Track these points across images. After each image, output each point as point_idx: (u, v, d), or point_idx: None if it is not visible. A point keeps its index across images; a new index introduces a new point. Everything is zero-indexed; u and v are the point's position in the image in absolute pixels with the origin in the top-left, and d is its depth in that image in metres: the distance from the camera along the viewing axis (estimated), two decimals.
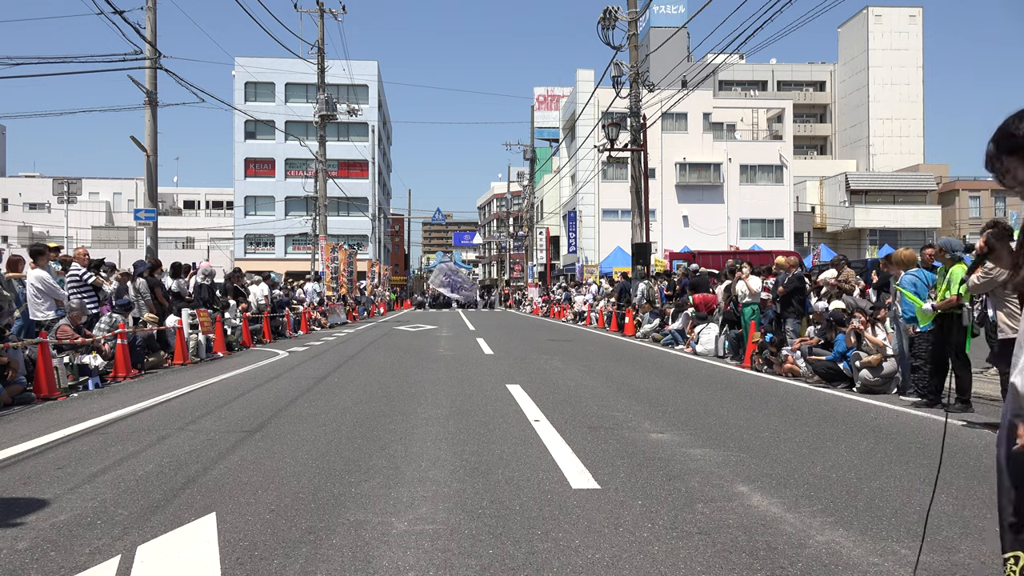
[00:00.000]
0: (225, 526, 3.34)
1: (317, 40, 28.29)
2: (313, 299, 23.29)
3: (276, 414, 6.45)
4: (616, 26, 20.57)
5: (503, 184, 73.86)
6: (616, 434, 5.54)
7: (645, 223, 20.82)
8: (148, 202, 17.05)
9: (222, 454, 4.84)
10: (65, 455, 4.87)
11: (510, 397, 7.48)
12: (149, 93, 16.28)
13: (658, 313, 17.02)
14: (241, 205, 55.10)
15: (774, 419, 6.33)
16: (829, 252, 22.80)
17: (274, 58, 51.33)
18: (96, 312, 10.04)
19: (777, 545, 3.12)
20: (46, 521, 3.44)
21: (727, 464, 4.60)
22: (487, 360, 11.67)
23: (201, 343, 12.05)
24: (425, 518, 3.47)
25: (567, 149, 51.46)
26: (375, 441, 5.28)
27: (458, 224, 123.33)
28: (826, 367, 8.76)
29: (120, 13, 14.20)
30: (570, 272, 45.93)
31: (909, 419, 6.48)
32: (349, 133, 54.38)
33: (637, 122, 20.95)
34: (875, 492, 3.98)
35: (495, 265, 79.15)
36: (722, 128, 48.81)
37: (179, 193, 74.00)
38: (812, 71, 62.71)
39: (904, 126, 56.64)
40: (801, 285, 10.90)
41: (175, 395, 7.71)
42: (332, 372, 9.91)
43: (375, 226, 53.73)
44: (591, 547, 3.08)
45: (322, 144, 29.45)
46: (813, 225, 51.32)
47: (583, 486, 4.05)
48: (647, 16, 43.77)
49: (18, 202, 60.93)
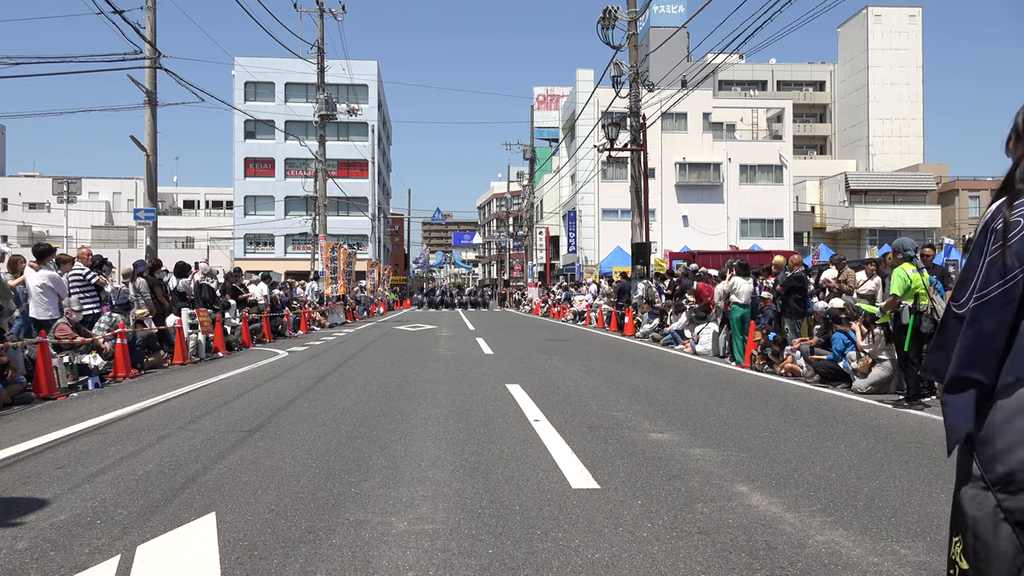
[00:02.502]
0: (225, 526, 3.34)
1: (317, 40, 28.30)
2: (313, 299, 23.29)
3: (276, 414, 6.45)
4: (616, 26, 20.56)
5: (503, 184, 73.87)
6: (616, 434, 5.54)
7: (645, 223, 20.82)
8: (148, 202, 17.05)
9: (222, 454, 4.84)
10: (65, 455, 4.87)
11: (510, 397, 7.48)
12: (149, 93, 16.28)
13: (658, 313, 17.02)
14: (241, 205, 55.09)
15: (774, 419, 6.33)
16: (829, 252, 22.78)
17: (274, 58, 51.37)
18: (97, 312, 10.03)
19: (777, 545, 3.12)
20: (46, 521, 3.44)
21: (727, 464, 4.60)
22: (487, 360, 11.67)
23: (201, 343, 12.05)
24: (425, 518, 3.47)
25: (567, 149, 51.46)
26: (375, 441, 5.28)
27: (458, 224, 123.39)
28: (826, 366, 8.77)
29: (120, 13, 14.20)
30: (570, 272, 45.94)
31: (909, 419, 6.48)
32: (349, 133, 54.38)
33: (637, 122, 20.95)
34: (875, 492, 3.98)
35: (495, 265, 79.15)
36: (722, 128, 48.80)
37: (179, 193, 74.01)
38: (812, 71, 62.71)
39: (904, 126, 56.64)
40: (799, 285, 10.87)
41: (175, 395, 7.71)
42: (332, 372, 9.91)
43: (375, 226, 53.75)
44: (591, 547, 3.08)
45: (322, 144, 29.45)
46: (813, 225, 51.33)
47: (583, 486, 4.05)
48: (647, 16, 43.76)
49: (18, 202, 60.93)
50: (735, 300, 11.33)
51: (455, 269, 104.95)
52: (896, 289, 7.04)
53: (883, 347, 7.96)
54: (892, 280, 7.16)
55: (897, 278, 7.08)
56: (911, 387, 7.16)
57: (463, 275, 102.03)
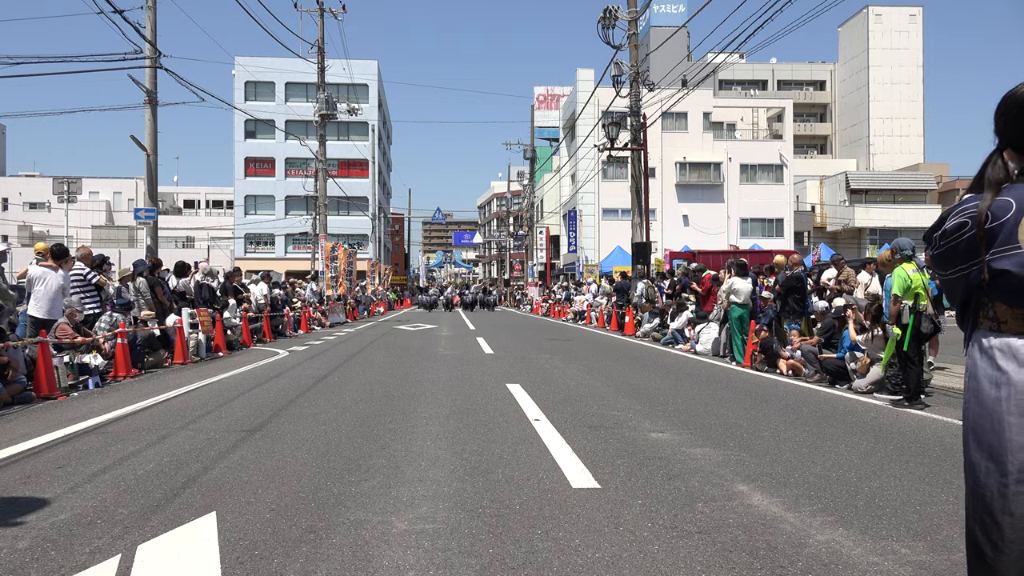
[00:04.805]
0: (225, 525, 3.34)
1: (317, 39, 28.28)
2: (312, 299, 23.28)
3: (276, 413, 6.46)
4: (616, 25, 20.56)
5: (503, 183, 73.87)
6: (616, 433, 5.54)
7: (645, 222, 20.81)
8: (148, 201, 17.04)
9: (222, 453, 4.84)
10: (65, 454, 4.87)
11: (510, 396, 7.48)
12: (149, 92, 16.27)
13: (658, 313, 17.02)
14: (241, 204, 55.09)
15: (774, 419, 6.33)
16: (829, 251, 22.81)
17: (274, 57, 51.43)
18: (98, 311, 10.03)
19: (777, 544, 3.12)
20: (46, 520, 3.44)
21: (727, 463, 4.60)
22: (487, 359, 11.67)
23: (201, 342, 12.05)
24: (425, 517, 3.47)
25: (567, 148, 51.45)
26: (375, 440, 5.28)
27: (458, 223, 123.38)
28: (835, 364, 8.76)
29: (120, 12, 14.19)
30: (570, 271, 45.95)
31: (909, 419, 6.48)
32: (349, 132, 54.38)
33: (637, 121, 20.94)
34: (875, 491, 3.98)
35: (495, 264, 79.15)
36: (722, 127, 48.80)
37: (179, 192, 73.98)
38: (812, 70, 62.70)
39: (904, 125, 56.64)
40: (799, 284, 10.86)
41: (175, 394, 7.71)
42: (332, 371, 9.91)
43: (375, 225, 53.70)
44: (591, 546, 3.08)
45: (322, 143, 29.44)
46: (813, 224, 51.32)
47: (583, 485, 4.05)
48: (647, 15, 43.78)
49: (18, 201, 60.92)
50: (734, 300, 11.33)
51: (455, 269, 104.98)
52: (896, 289, 7.06)
53: (882, 347, 7.96)
54: (892, 280, 7.16)
55: (897, 278, 7.09)
56: (911, 387, 7.16)
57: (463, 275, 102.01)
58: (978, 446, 1.85)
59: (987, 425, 1.82)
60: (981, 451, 1.83)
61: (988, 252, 1.80)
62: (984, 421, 1.83)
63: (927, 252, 2.11)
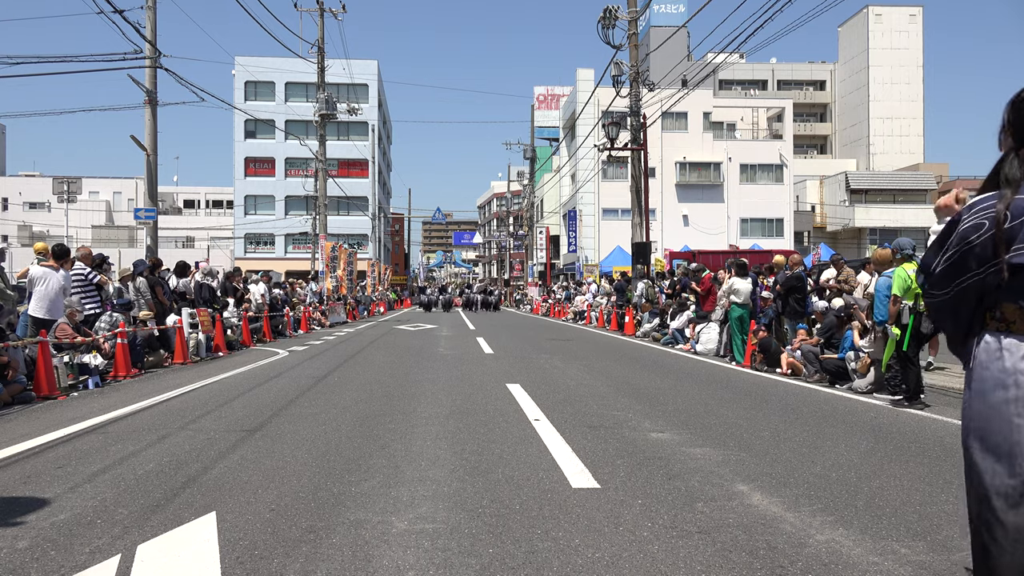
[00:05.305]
0: (225, 525, 3.34)
1: (317, 39, 28.29)
2: (312, 299, 23.27)
3: (276, 413, 6.46)
4: (616, 25, 20.56)
5: (503, 183, 73.86)
6: (616, 433, 5.54)
7: (645, 222, 20.81)
8: (148, 201, 17.04)
9: (222, 453, 4.84)
10: (65, 454, 4.87)
11: (510, 396, 7.48)
12: (149, 92, 16.27)
13: (658, 313, 17.02)
14: (241, 204, 55.10)
15: (774, 419, 6.33)
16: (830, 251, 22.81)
17: (274, 57, 51.42)
18: (98, 311, 10.03)
19: (777, 544, 3.12)
20: (46, 520, 3.44)
21: (727, 463, 4.60)
22: (487, 359, 11.67)
23: (201, 342, 12.05)
24: (425, 517, 3.47)
25: (567, 148, 51.45)
26: (375, 440, 5.28)
27: (458, 223, 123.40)
28: (836, 364, 8.76)
29: (120, 12, 14.19)
30: (570, 271, 45.94)
31: (909, 419, 6.48)
32: (349, 132, 54.38)
33: (637, 121, 20.94)
34: (875, 491, 3.98)
35: (495, 264, 79.15)
36: (722, 127, 48.80)
37: (179, 192, 73.99)
38: (812, 70, 62.69)
39: (904, 125, 56.63)
40: (799, 284, 10.87)
41: (175, 394, 7.71)
42: (332, 371, 9.91)
43: (375, 225, 53.72)
44: (591, 546, 3.08)
45: (322, 143, 29.44)
46: (813, 224, 51.31)
47: (583, 485, 4.05)
48: (647, 15, 43.77)
49: (18, 201, 60.92)
50: (734, 300, 11.33)
51: (455, 269, 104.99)
52: (897, 289, 7.06)
53: (882, 347, 7.96)
54: (893, 280, 7.16)
55: (897, 278, 7.09)
56: (911, 387, 7.16)
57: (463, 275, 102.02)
58: (983, 447, 1.84)
59: (994, 426, 1.81)
60: (987, 452, 1.82)
61: (1007, 252, 1.80)
62: (991, 422, 1.82)
63: (923, 281, 2.09)
